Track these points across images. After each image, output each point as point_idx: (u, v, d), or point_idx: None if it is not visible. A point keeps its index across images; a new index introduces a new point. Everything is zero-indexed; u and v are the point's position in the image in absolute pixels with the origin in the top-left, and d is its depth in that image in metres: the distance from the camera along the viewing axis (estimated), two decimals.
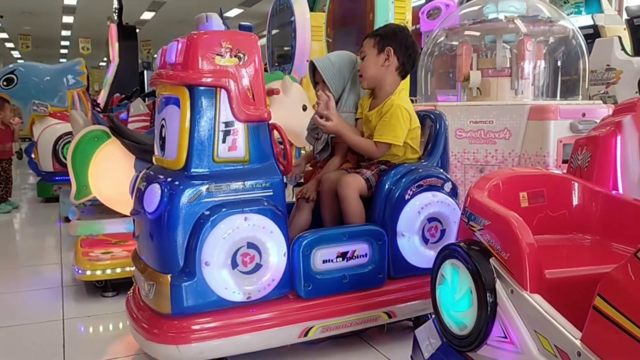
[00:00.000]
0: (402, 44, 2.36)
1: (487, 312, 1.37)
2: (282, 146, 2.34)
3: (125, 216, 3.37)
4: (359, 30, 5.05)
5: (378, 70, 2.35)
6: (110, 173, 3.32)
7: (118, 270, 2.94)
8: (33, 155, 6.23)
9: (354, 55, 2.55)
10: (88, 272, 2.93)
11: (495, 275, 1.38)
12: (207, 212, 1.93)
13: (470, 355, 1.46)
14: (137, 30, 11.85)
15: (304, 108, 3.79)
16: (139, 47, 13.62)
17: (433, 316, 1.66)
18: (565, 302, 1.27)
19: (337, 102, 2.46)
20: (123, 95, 7.90)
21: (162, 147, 2.11)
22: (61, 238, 4.40)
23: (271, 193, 2.05)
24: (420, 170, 2.29)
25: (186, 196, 1.92)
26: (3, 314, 2.85)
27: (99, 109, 8.07)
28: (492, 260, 1.40)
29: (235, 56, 2.00)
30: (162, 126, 2.10)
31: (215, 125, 1.99)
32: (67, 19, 17.34)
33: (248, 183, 2.01)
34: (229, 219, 1.93)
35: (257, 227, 1.97)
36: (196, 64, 1.95)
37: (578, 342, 1.13)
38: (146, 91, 8.93)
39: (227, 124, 2.00)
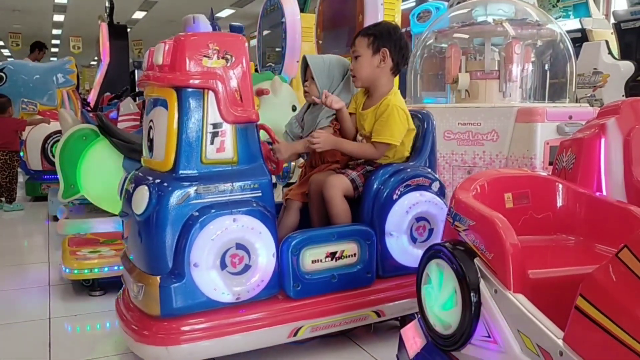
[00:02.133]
0: (397, 44, 2.35)
1: (471, 312, 1.38)
2: (271, 146, 2.35)
3: (114, 215, 3.36)
4: (349, 32, 5.06)
5: (373, 70, 2.35)
6: (99, 172, 3.31)
7: (106, 269, 2.92)
8: (22, 154, 6.20)
9: (346, 59, 2.56)
10: (75, 271, 2.91)
11: (479, 275, 1.39)
12: (196, 214, 1.93)
13: (454, 355, 1.47)
14: (128, 30, 11.82)
15: (294, 108, 3.79)
16: (130, 47, 13.57)
17: (419, 316, 1.67)
18: (548, 302, 1.28)
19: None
20: (113, 95, 7.87)
21: (150, 149, 2.10)
22: (49, 237, 4.38)
23: (260, 194, 2.05)
24: (408, 170, 2.30)
25: (174, 198, 1.92)
26: None
27: (89, 108, 8.04)
28: (476, 261, 1.41)
29: (223, 58, 1.99)
30: (150, 127, 2.09)
31: (203, 127, 1.98)
32: (58, 18, 17.24)
33: (236, 184, 2.01)
34: (217, 220, 1.93)
35: (246, 228, 1.97)
36: (183, 65, 1.95)
37: (560, 342, 1.14)
38: (136, 90, 8.89)
39: (215, 125, 2.00)
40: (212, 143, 2.00)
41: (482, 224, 1.43)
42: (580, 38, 6.67)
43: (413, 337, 1.66)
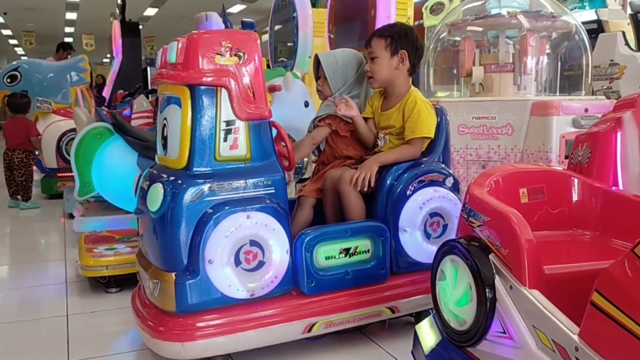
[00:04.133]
0: (414, 46, 2.35)
1: (486, 308, 1.38)
2: (283, 144, 2.35)
3: (129, 213, 3.39)
4: (361, 26, 5.04)
5: (392, 72, 2.35)
6: (114, 170, 3.34)
7: (121, 266, 2.95)
8: (37, 152, 6.25)
9: (360, 54, 2.56)
10: (92, 268, 2.95)
11: (494, 271, 1.39)
12: (210, 211, 1.95)
13: (469, 350, 1.47)
14: (140, 27, 11.85)
15: (306, 104, 3.78)
16: (142, 44, 13.62)
17: (433, 312, 1.66)
18: (563, 298, 1.27)
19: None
20: (126, 92, 7.90)
21: (165, 146, 2.12)
22: (65, 234, 4.42)
23: (273, 191, 2.06)
24: (422, 165, 2.30)
25: (189, 195, 1.93)
26: (8, 310, 2.88)
27: (105, 106, 8.08)
28: (491, 256, 1.41)
29: (236, 55, 2.00)
30: (164, 125, 2.11)
31: (217, 124, 2.00)
32: (71, 16, 17.39)
33: (250, 181, 2.02)
34: (231, 217, 1.95)
35: (260, 225, 1.98)
36: (197, 63, 1.96)
37: (576, 337, 1.13)
38: (149, 87, 8.94)
39: (228, 122, 2.02)
40: (225, 140, 2.02)
41: (497, 219, 1.42)
42: (596, 29, 6.57)
43: (428, 333, 1.66)
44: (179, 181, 1.96)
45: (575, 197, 1.76)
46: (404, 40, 2.33)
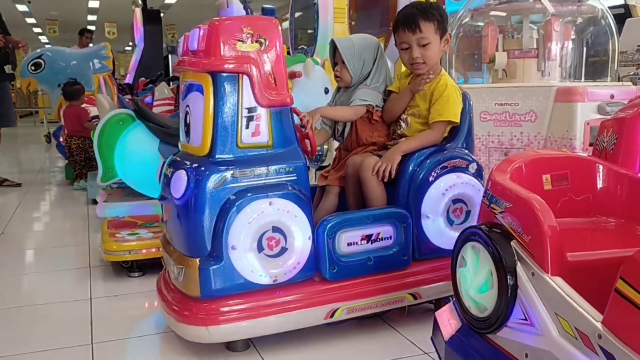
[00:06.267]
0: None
1: (508, 295, 1.36)
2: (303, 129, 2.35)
3: (151, 198, 3.43)
4: (381, 12, 4.99)
5: (439, 57, 2.32)
6: (136, 156, 3.37)
7: (144, 251, 2.99)
8: (61, 139, 6.34)
9: (377, 38, 2.54)
10: (115, 253, 2.99)
11: (516, 257, 1.37)
12: (233, 197, 1.97)
13: (489, 337, 1.46)
14: (162, 15, 11.91)
15: (326, 91, 3.78)
16: (164, 31, 13.67)
17: (454, 298, 1.66)
18: (587, 285, 1.25)
19: (359, 84, 2.46)
20: (148, 79, 7.95)
21: (187, 134, 2.14)
22: (89, 220, 4.49)
23: (295, 177, 2.07)
24: (445, 151, 2.28)
25: (212, 182, 1.95)
26: (33, 293, 2.94)
27: (128, 92, 8.14)
28: (513, 243, 1.39)
29: (257, 41, 2.00)
30: (187, 113, 2.12)
31: (239, 111, 2.01)
32: (93, 4, 17.50)
33: (272, 168, 2.03)
34: (254, 204, 1.96)
35: (282, 211, 2.00)
36: (218, 50, 1.97)
37: (599, 325, 1.12)
38: (170, 75, 8.98)
39: (249, 109, 2.02)
40: (247, 127, 2.03)
41: (519, 206, 1.40)
42: (623, 14, 6.44)
43: (448, 320, 1.65)
44: (202, 168, 1.98)
45: (600, 184, 1.73)
46: (446, 21, 2.30)
